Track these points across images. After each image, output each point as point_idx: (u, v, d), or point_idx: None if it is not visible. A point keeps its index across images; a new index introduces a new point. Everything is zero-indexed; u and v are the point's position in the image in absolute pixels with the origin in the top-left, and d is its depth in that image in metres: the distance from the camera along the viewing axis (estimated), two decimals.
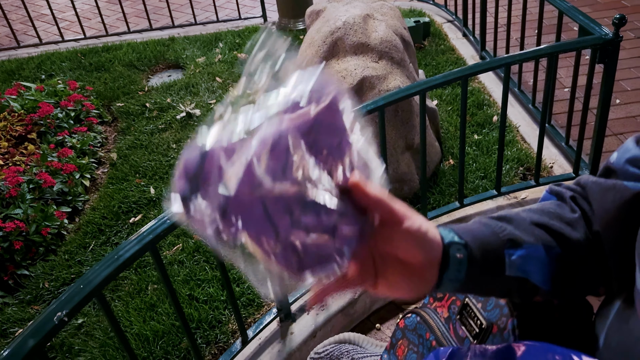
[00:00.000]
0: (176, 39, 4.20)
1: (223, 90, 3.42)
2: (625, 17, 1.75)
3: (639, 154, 0.57)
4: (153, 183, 2.64)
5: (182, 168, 0.45)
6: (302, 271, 0.47)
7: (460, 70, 1.73)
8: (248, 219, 0.44)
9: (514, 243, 0.56)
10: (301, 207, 0.45)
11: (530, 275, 0.56)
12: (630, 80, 2.93)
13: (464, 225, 0.57)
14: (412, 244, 0.50)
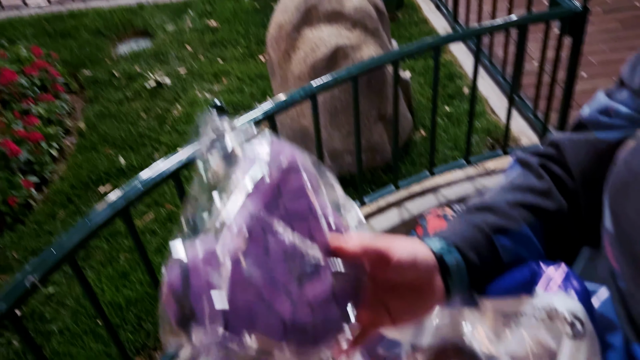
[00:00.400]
0: (145, 6, 4.08)
1: (193, 59, 3.36)
2: None
3: (610, 104, 0.59)
4: (123, 153, 2.60)
5: (169, 290, 0.42)
6: (318, 346, 0.47)
7: (433, 39, 1.74)
8: (252, 320, 0.43)
9: (499, 231, 0.57)
10: (296, 284, 0.45)
11: (522, 253, 0.57)
12: (597, 54, 2.99)
13: (448, 229, 0.58)
14: (408, 272, 0.50)
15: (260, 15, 3.76)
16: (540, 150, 0.64)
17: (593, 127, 0.60)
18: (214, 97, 2.95)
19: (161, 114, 2.86)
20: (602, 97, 0.61)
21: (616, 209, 0.50)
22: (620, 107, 0.58)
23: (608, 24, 3.22)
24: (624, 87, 0.59)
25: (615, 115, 0.58)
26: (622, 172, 0.50)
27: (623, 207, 0.49)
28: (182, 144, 2.62)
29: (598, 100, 0.61)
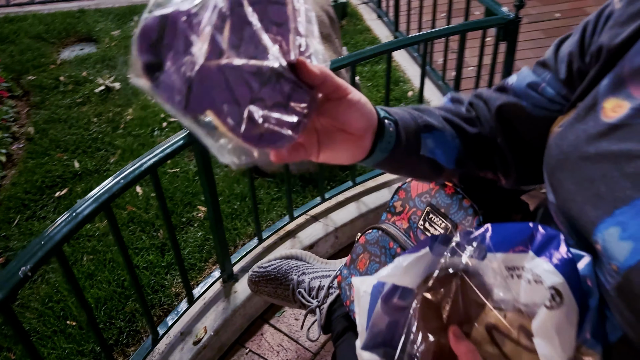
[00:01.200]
0: (86, 10, 4.01)
1: None
2: (523, 2, 2.01)
3: (538, 80, 0.70)
4: (77, 157, 2.57)
5: (142, 33, 0.43)
6: (259, 143, 0.49)
7: (387, 44, 1.89)
8: (212, 91, 0.45)
9: (428, 128, 0.69)
10: (258, 79, 0.47)
11: (437, 157, 0.70)
12: (525, 60, 3.29)
13: (391, 108, 0.69)
14: (355, 113, 0.58)
15: None
16: (469, 97, 0.77)
17: (522, 97, 0.70)
18: None
19: (113, 118, 2.85)
20: (528, 71, 0.72)
21: (554, 184, 0.60)
22: (546, 87, 0.69)
23: (532, 33, 3.55)
24: (548, 69, 0.70)
25: (541, 92, 0.69)
26: (555, 153, 0.60)
27: (560, 182, 0.59)
28: (138, 147, 2.63)
29: (525, 74, 0.72)
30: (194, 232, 2.14)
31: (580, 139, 0.58)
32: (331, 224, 2.13)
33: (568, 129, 0.61)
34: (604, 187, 0.53)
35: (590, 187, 0.54)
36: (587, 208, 0.54)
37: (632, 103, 0.54)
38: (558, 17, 3.75)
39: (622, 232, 0.50)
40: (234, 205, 2.24)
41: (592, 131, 0.56)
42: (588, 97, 0.60)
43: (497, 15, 2.06)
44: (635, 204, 0.50)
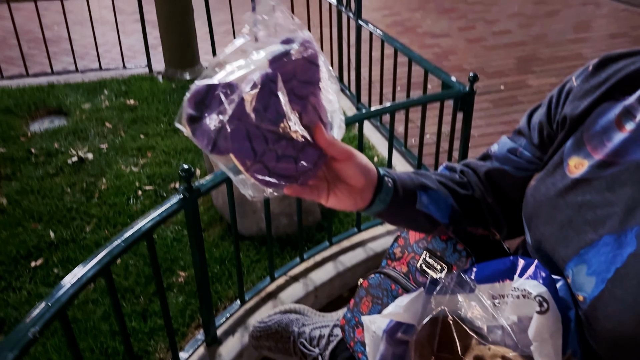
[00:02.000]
0: (56, 85, 4.10)
1: (114, 135, 3.44)
2: (477, 76, 2.27)
3: (515, 145, 0.85)
4: (52, 227, 2.57)
5: (192, 95, 0.59)
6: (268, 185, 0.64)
7: (359, 115, 2.08)
8: (235, 140, 0.59)
9: (423, 187, 0.82)
10: (275, 138, 0.61)
11: (432, 212, 0.83)
12: (476, 128, 3.58)
13: (391, 170, 0.82)
14: (357, 172, 0.72)
15: (178, 94, 3.97)
16: (460, 166, 0.91)
17: (503, 163, 0.85)
18: (140, 170, 3.05)
19: (87, 188, 2.88)
20: (507, 139, 0.87)
21: (531, 228, 0.74)
22: (523, 151, 0.83)
23: (482, 104, 3.88)
24: (522, 136, 0.84)
25: (520, 155, 0.83)
26: (531, 203, 0.75)
27: (536, 227, 0.73)
28: (114, 215, 2.66)
29: (504, 142, 0.87)
30: (174, 297, 2.16)
31: (550, 191, 0.72)
32: (310, 284, 2.21)
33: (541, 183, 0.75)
34: (571, 231, 0.67)
35: (560, 231, 0.68)
36: (559, 248, 0.68)
37: (590, 161, 0.69)
38: (503, 89, 4.13)
39: (588, 269, 0.63)
40: (214, 269, 2.29)
41: (559, 185, 0.71)
42: (556, 156, 0.75)
43: (454, 89, 2.30)
44: (596, 244, 0.63)
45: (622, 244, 0.61)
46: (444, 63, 4.64)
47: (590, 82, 0.73)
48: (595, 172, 0.68)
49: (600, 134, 0.69)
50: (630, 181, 0.64)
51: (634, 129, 0.65)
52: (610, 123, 0.68)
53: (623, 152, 0.66)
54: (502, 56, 4.76)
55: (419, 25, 5.68)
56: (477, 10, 6.09)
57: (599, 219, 0.64)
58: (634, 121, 0.66)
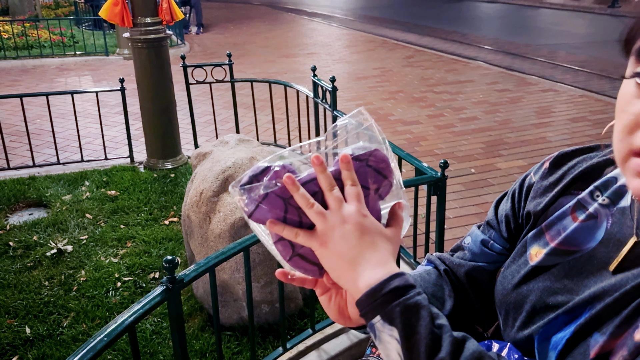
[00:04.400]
0: (37, 177, 4.14)
1: (94, 226, 3.44)
2: (447, 162, 2.40)
3: (486, 238, 0.90)
4: (28, 322, 2.51)
5: (252, 170, 0.67)
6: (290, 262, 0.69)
7: None
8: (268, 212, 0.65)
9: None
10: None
11: None
12: (450, 210, 3.70)
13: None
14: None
15: (158, 184, 4.03)
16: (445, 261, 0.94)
17: (476, 256, 0.90)
18: (120, 261, 3.03)
19: (66, 281, 2.85)
20: (478, 231, 0.92)
21: (502, 313, 0.80)
22: (494, 244, 0.89)
23: (454, 187, 4.03)
24: (492, 228, 0.90)
25: (491, 248, 0.89)
26: (500, 290, 0.81)
27: (506, 312, 0.79)
28: (92, 309, 2.61)
29: (475, 233, 0.92)
30: None
31: (515, 278, 0.79)
32: None
33: (506, 271, 0.82)
34: (536, 316, 0.73)
35: (527, 315, 0.75)
36: (525, 330, 0.74)
37: (546, 249, 0.76)
38: (473, 172, 4.31)
39: (549, 345, 0.69)
40: None
41: (522, 272, 0.78)
42: (519, 245, 0.82)
43: (427, 175, 2.43)
44: (554, 323, 0.70)
45: (576, 320, 0.67)
46: (416, 148, 4.85)
47: (548, 179, 0.82)
48: (552, 259, 0.75)
49: (557, 225, 0.77)
50: (585, 268, 0.71)
51: (585, 219, 0.73)
52: (566, 214, 0.76)
53: (576, 241, 0.73)
54: (471, 141, 5.01)
55: (391, 114, 5.98)
56: (444, 99, 6.47)
57: (558, 303, 0.71)
58: (585, 212, 0.74)
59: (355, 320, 0.72)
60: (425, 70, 8.01)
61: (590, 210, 0.74)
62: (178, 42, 10.10)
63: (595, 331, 0.64)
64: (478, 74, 7.71)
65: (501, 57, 8.95)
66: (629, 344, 0.59)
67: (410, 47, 9.97)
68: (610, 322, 0.63)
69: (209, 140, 5.03)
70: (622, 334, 0.61)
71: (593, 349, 0.63)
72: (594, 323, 0.65)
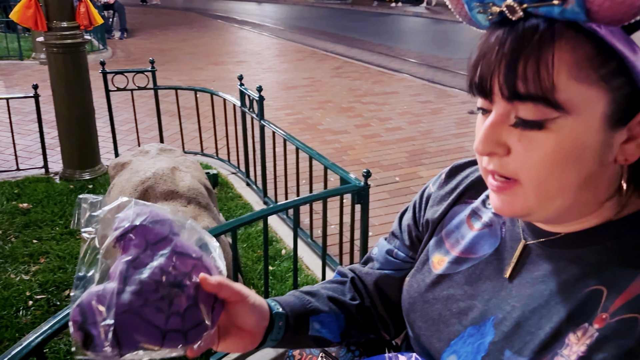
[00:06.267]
0: None
1: (4, 241, 3.21)
2: (370, 172, 2.46)
3: (391, 248, 0.93)
4: None
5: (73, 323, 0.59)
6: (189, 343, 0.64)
7: (262, 211, 2.15)
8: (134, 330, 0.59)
9: (315, 312, 0.86)
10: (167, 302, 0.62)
11: (323, 334, 0.87)
12: (376, 217, 3.79)
13: (284, 297, 0.86)
14: (251, 314, 0.72)
15: (76, 195, 3.83)
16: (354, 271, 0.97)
17: (384, 264, 0.92)
18: (32, 278, 2.85)
19: None
20: (384, 242, 0.95)
21: (410, 322, 0.82)
22: (399, 252, 0.92)
23: (380, 194, 4.13)
24: (396, 238, 0.93)
25: (396, 256, 0.92)
26: (406, 299, 0.84)
27: (413, 321, 0.81)
28: (1, 330, 2.43)
29: (382, 244, 0.95)
30: None
31: (420, 286, 0.82)
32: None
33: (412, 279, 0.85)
34: (442, 324, 0.75)
35: (433, 324, 0.77)
36: (433, 341, 0.77)
37: (448, 258, 0.80)
38: (397, 181, 4.45)
39: (458, 358, 0.71)
40: None
41: (427, 280, 0.81)
42: (422, 254, 0.85)
43: (351, 184, 2.47)
44: (462, 336, 0.72)
45: (483, 333, 0.69)
46: (343, 157, 4.94)
47: (444, 188, 0.86)
48: (454, 267, 0.78)
49: (455, 233, 0.80)
50: (484, 275, 0.74)
51: (481, 227, 0.78)
52: (462, 223, 0.80)
53: (474, 249, 0.77)
54: (395, 150, 5.17)
55: (320, 123, 6.05)
56: (371, 109, 6.63)
57: (462, 311, 0.74)
58: (480, 221, 0.78)
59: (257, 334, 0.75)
60: (353, 81, 8.18)
61: (484, 219, 0.78)
62: (100, 47, 9.70)
63: (506, 348, 0.65)
64: (403, 85, 7.98)
65: (424, 70, 9.32)
66: None
67: (339, 58, 10.15)
68: (525, 344, 0.63)
69: (131, 149, 4.85)
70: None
71: None
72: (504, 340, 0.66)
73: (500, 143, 0.61)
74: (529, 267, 0.69)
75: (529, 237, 0.70)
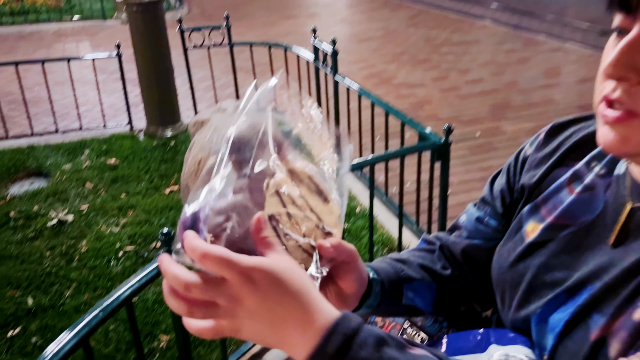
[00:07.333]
0: (36, 147, 4.10)
1: (95, 195, 3.42)
2: (451, 127, 2.33)
3: (481, 215, 0.86)
4: (30, 293, 2.51)
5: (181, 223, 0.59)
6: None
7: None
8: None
9: (408, 280, 0.82)
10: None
11: (416, 303, 0.83)
12: (455, 175, 3.64)
13: (378, 263, 0.81)
14: (356, 278, 0.68)
15: (158, 152, 3.98)
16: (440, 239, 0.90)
17: (472, 234, 0.86)
18: (121, 230, 3.02)
19: (67, 251, 2.84)
20: (473, 209, 0.88)
21: (499, 293, 0.76)
22: (490, 220, 0.85)
23: (459, 151, 3.96)
24: (487, 204, 0.86)
25: (487, 224, 0.85)
26: (496, 268, 0.77)
27: (503, 291, 0.75)
28: (94, 279, 2.61)
29: (470, 211, 0.88)
30: None
31: (511, 256, 0.75)
32: None
33: (503, 247, 0.78)
34: (533, 294, 0.69)
35: (523, 294, 0.71)
36: (523, 311, 0.70)
37: (542, 224, 0.71)
38: (479, 136, 4.23)
39: (547, 327, 0.65)
40: None
41: (518, 249, 0.74)
42: (514, 222, 0.77)
43: (430, 140, 2.36)
44: (550, 303, 0.66)
45: (577, 302, 0.63)
46: (419, 112, 4.76)
47: (543, 150, 0.77)
48: (548, 234, 0.70)
49: (553, 198, 0.72)
50: (584, 243, 0.66)
51: (581, 190, 0.68)
52: (562, 187, 0.72)
53: (573, 214, 0.68)
54: (476, 104, 4.91)
55: (395, 77, 5.85)
56: (449, 61, 6.31)
57: (557, 281, 0.67)
58: (582, 184, 0.69)
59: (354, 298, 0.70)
60: (430, 30, 7.80)
61: (586, 181, 0.69)
62: (176, 4, 9.87)
63: (594, 312, 0.61)
64: (485, 33, 7.51)
65: (508, 16, 8.70)
66: (628, 325, 0.56)
67: (414, 7, 9.70)
68: (610, 303, 0.59)
69: (209, 106, 4.94)
70: (622, 314, 0.57)
71: (593, 331, 0.59)
72: (593, 304, 0.61)
73: (635, 68, 0.54)
74: (636, 233, 0.62)
75: (636, 199, 0.62)
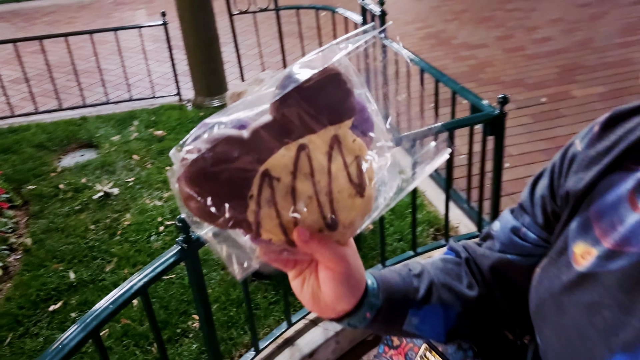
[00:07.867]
0: (88, 118, 4.16)
1: (141, 168, 3.42)
2: (507, 97, 2.07)
3: (518, 225, 0.69)
4: (73, 267, 2.55)
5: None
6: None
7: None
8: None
9: (418, 304, 0.65)
10: None
11: (423, 333, 0.67)
12: (515, 146, 3.35)
13: (388, 273, 0.66)
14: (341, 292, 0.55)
15: None
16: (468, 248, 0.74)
17: (506, 247, 0.69)
18: (164, 204, 3.00)
19: (110, 224, 2.86)
20: (509, 216, 0.71)
21: (537, 329, 0.60)
22: (527, 232, 0.68)
23: (521, 119, 3.64)
24: (526, 213, 0.69)
25: (524, 237, 0.68)
26: (534, 298, 0.61)
27: (541, 328, 0.59)
28: (134, 254, 2.61)
29: (506, 219, 0.71)
30: (188, 344, 2.07)
31: (554, 285, 0.57)
32: (331, 328, 2.06)
33: (544, 273, 0.61)
34: (579, 342, 0.53)
35: (567, 339, 0.55)
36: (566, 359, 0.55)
37: (598, 251, 0.53)
38: (544, 102, 3.87)
39: None
40: (230, 312, 2.19)
41: (564, 278, 0.56)
42: (559, 240, 0.59)
43: (483, 112, 2.12)
44: None
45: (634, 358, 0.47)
46: (480, 75, 4.41)
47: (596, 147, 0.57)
48: (603, 264, 0.53)
49: (610, 214, 0.54)
50: None
51: None
52: (622, 200, 0.53)
53: (636, 239, 0.50)
54: (543, 66, 4.48)
55: (455, 37, 5.47)
56: (515, 18, 5.82)
57: (609, 328, 0.51)
58: None
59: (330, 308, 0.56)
60: None
61: None
62: None
63: None
64: None
65: None
66: None
67: None
68: None
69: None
70: None
71: None
72: None
73: None
74: None
75: None
